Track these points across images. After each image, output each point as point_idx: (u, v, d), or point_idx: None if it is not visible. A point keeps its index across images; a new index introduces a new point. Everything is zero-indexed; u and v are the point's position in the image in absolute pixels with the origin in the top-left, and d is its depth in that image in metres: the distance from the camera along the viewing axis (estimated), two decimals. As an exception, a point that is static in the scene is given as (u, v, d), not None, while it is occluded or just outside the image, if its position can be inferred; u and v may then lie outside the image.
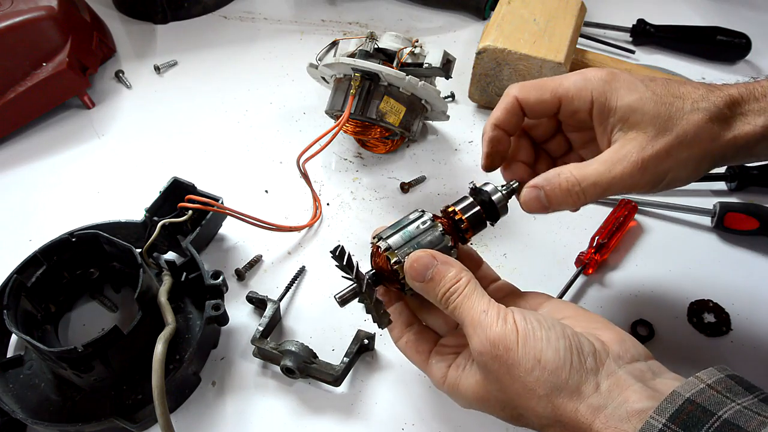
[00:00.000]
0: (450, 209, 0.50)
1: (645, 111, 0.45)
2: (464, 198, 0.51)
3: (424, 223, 0.48)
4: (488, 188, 0.50)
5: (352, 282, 0.47)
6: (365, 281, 0.47)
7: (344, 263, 0.46)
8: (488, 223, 0.51)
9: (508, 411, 0.43)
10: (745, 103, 0.47)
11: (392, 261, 0.46)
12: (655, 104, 0.46)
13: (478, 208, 0.50)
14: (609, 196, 0.47)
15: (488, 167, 0.53)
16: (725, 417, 0.35)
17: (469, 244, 0.53)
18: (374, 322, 0.48)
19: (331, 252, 0.46)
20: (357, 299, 0.48)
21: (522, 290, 0.52)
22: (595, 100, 0.48)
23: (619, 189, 0.46)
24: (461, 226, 0.49)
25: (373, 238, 0.49)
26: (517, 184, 0.51)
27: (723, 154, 0.46)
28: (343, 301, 0.48)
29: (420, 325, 0.51)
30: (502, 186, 0.51)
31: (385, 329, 0.50)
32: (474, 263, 0.54)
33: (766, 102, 0.46)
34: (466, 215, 0.49)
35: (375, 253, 0.49)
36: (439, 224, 0.48)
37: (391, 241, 0.47)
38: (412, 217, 0.49)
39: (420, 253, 0.45)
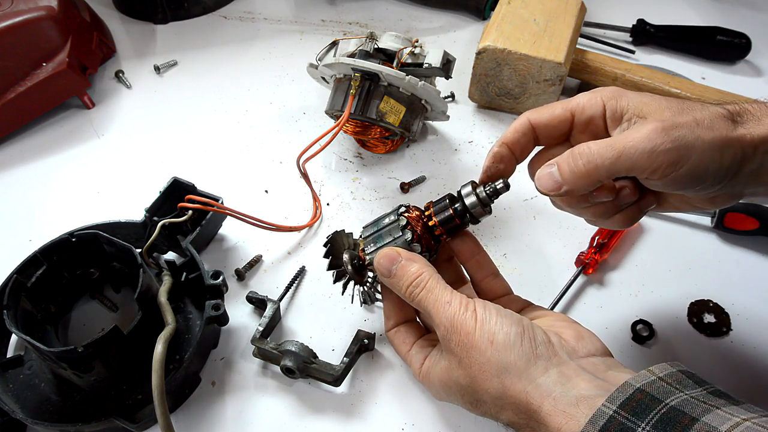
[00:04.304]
0: (425, 205, 0.53)
1: (658, 104, 0.45)
2: (442, 199, 0.52)
3: (392, 216, 0.52)
4: (465, 191, 0.51)
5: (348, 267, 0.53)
6: (347, 266, 0.53)
7: (326, 252, 0.53)
8: (468, 224, 0.52)
9: (467, 396, 0.45)
10: (756, 111, 0.45)
11: (360, 248, 0.52)
12: (666, 100, 0.45)
13: (449, 211, 0.51)
14: (627, 168, 0.43)
15: (483, 183, 0.53)
16: (672, 404, 0.37)
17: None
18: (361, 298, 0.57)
19: (327, 237, 0.54)
20: (343, 281, 0.55)
21: (515, 294, 0.56)
22: (607, 104, 0.47)
23: (638, 155, 0.42)
24: (429, 224, 0.52)
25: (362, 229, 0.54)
26: (502, 184, 0.50)
27: (743, 153, 0.43)
28: (335, 280, 0.55)
29: (414, 321, 0.55)
30: (487, 186, 0.51)
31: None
32: (471, 253, 0.55)
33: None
34: (437, 216, 0.52)
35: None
36: (404, 219, 0.52)
37: (365, 230, 0.53)
38: (391, 210, 0.53)
39: (387, 250, 0.50)
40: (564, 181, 0.45)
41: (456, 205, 0.51)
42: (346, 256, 0.53)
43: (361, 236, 0.52)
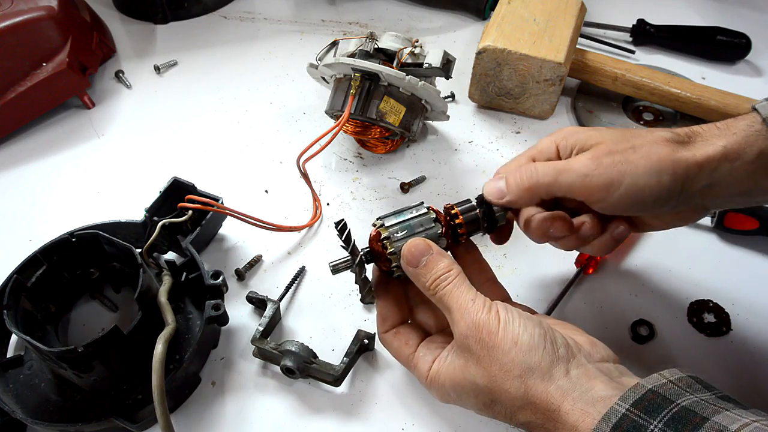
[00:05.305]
0: (449, 205, 0.53)
1: (602, 136, 0.50)
2: (467, 200, 0.53)
3: (419, 209, 0.52)
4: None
5: (348, 255, 0.51)
6: (358, 256, 0.51)
7: (343, 236, 0.50)
8: (484, 230, 0.54)
9: (482, 397, 0.45)
10: (706, 132, 0.49)
11: (382, 236, 0.50)
12: (612, 132, 0.50)
13: (476, 212, 0.53)
14: (565, 189, 0.48)
15: None
16: (683, 404, 0.38)
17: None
18: (360, 294, 0.53)
19: (335, 223, 0.51)
20: (348, 270, 0.52)
21: (514, 300, 0.56)
22: (559, 145, 0.52)
23: (573, 178, 0.48)
24: (455, 221, 0.52)
25: (376, 220, 0.53)
26: None
27: (686, 173, 0.47)
28: (335, 269, 0.52)
29: (410, 323, 0.54)
30: None
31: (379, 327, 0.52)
32: (473, 258, 0.56)
33: (726, 130, 0.48)
34: (464, 215, 0.52)
35: (372, 235, 0.52)
36: (433, 213, 0.52)
37: (386, 220, 0.51)
38: (412, 204, 0.53)
39: (418, 241, 0.49)
40: (508, 192, 0.51)
41: (482, 209, 0.53)
42: (358, 247, 0.52)
43: (382, 225, 0.51)
